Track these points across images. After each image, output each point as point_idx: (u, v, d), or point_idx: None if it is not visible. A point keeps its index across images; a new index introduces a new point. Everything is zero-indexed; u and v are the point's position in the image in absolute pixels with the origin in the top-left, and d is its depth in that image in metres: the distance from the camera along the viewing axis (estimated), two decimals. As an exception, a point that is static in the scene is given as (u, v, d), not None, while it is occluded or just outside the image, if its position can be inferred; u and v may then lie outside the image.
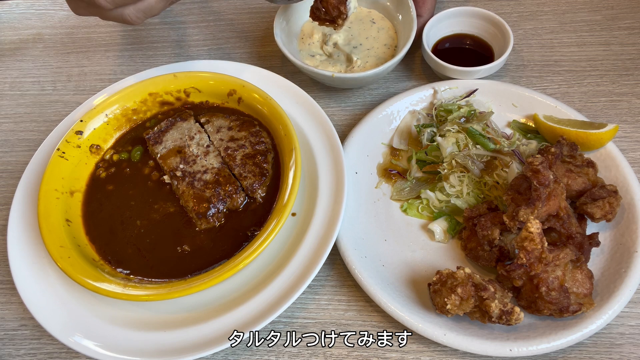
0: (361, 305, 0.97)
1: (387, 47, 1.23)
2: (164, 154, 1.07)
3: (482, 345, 0.86)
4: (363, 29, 1.27)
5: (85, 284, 0.89)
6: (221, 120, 1.11)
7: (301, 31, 1.28)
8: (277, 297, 0.91)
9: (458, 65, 1.15)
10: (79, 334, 0.90)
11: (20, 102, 1.33)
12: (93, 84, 1.34)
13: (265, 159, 1.05)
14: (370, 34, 1.26)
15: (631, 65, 1.25)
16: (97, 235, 1.00)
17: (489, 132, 1.08)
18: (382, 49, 1.23)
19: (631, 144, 1.12)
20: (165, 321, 0.93)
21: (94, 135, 1.10)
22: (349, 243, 0.98)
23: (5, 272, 1.05)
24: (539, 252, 0.85)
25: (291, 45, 1.22)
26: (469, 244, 0.97)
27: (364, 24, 1.28)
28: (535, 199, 0.87)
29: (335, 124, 1.19)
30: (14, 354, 0.97)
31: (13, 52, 1.44)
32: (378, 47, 1.24)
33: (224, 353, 0.94)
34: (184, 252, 0.97)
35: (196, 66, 1.19)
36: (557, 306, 0.85)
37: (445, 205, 1.04)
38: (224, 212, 1.00)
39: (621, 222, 0.98)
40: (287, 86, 1.15)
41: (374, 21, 1.28)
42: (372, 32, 1.26)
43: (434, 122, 1.14)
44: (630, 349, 0.90)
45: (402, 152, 1.13)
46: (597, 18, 1.33)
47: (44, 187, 1.00)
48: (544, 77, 1.24)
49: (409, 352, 0.92)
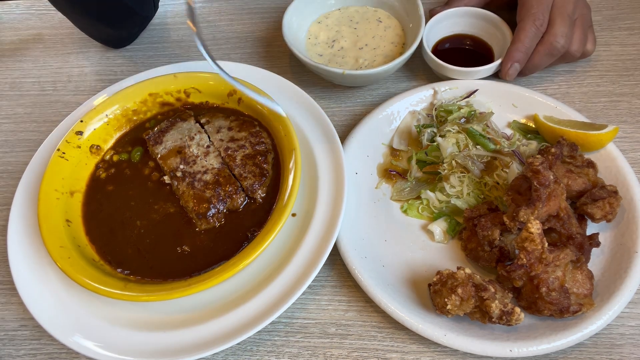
0: (361, 306, 0.97)
1: (395, 44, 1.24)
2: (164, 155, 1.07)
3: (483, 345, 0.86)
4: (369, 29, 1.27)
5: (85, 284, 0.89)
6: (221, 121, 1.11)
7: (308, 32, 1.29)
8: (277, 298, 0.91)
9: (458, 65, 1.15)
10: (79, 334, 0.90)
11: (20, 103, 1.33)
12: (93, 84, 1.34)
13: (266, 160, 1.05)
14: (377, 32, 1.26)
15: (631, 66, 1.25)
16: (97, 236, 1.00)
17: (489, 132, 1.08)
18: (389, 47, 1.24)
19: (631, 145, 1.12)
20: (165, 321, 0.93)
21: (94, 135, 1.10)
22: (349, 243, 0.98)
23: (5, 272, 1.05)
24: (539, 252, 0.85)
25: (298, 45, 1.23)
26: (469, 245, 0.97)
27: (370, 23, 1.28)
28: (536, 200, 0.87)
29: (335, 124, 1.19)
30: (14, 354, 0.97)
31: (13, 52, 1.44)
32: (385, 45, 1.24)
33: (224, 353, 0.94)
34: (184, 252, 0.97)
35: (196, 66, 1.19)
36: (558, 307, 0.85)
37: (446, 206, 1.04)
38: (224, 212, 1.00)
39: (621, 222, 0.97)
40: (287, 86, 1.15)
41: (380, 20, 1.29)
42: (379, 31, 1.27)
43: (434, 122, 1.14)
44: (631, 349, 0.90)
45: (402, 153, 1.13)
46: (597, 18, 1.32)
47: (44, 188, 1.00)
48: (544, 77, 1.24)
49: (409, 353, 0.92)
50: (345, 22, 1.30)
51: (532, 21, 1.10)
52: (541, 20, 1.10)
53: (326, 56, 1.24)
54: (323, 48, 1.26)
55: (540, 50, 1.13)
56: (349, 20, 1.30)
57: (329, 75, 1.17)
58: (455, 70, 1.15)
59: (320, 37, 1.27)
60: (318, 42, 1.27)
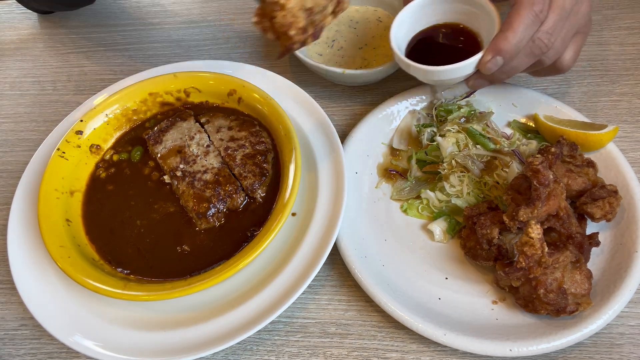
0: (361, 305, 0.97)
1: None
2: (164, 154, 1.07)
3: (482, 345, 0.86)
4: (369, 29, 1.27)
5: (85, 284, 0.89)
6: (221, 120, 1.11)
7: None
8: (277, 297, 0.91)
9: (443, 63, 0.95)
10: (79, 334, 0.91)
11: (20, 102, 1.33)
12: (93, 84, 1.34)
13: (265, 159, 1.05)
14: (377, 32, 1.26)
15: (631, 65, 1.25)
16: (97, 235, 1.00)
17: (489, 132, 1.08)
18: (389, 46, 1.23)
19: (631, 144, 1.12)
20: (165, 321, 0.93)
21: (94, 135, 1.10)
22: (349, 243, 0.98)
23: (5, 272, 1.05)
24: (539, 256, 0.85)
25: None
26: (468, 243, 0.97)
27: (370, 23, 1.28)
28: (535, 199, 0.87)
29: (335, 124, 1.19)
30: (14, 353, 0.97)
31: (13, 52, 1.44)
32: (385, 45, 1.24)
33: (224, 353, 0.94)
34: (184, 252, 0.97)
35: (196, 66, 1.19)
36: (555, 307, 0.86)
37: (445, 205, 1.04)
38: (224, 212, 1.00)
39: (621, 222, 0.98)
40: (287, 86, 1.15)
41: (380, 20, 1.29)
42: (379, 30, 1.27)
43: (434, 122, 1.14)
44: (631, 349, 0.90)
45: (402, 152, 1.13)
46: (597, 18, 1.32)
47: (44, 187, 1.00)
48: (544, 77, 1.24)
49: (409, 352, 0.92)
50: (345, 21, 1.30)
51: (530, 5, 0.86)
52: (541, 5, 0.86)
53: (326, 56, 1.24)
54: (323, 48, 1.26)
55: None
56: (349, 20, 1.30)
57: (329, 74, 1.17)
58: (428, 71, 0.96)
59: (320, 36, 1.27)
60: (318, 41, 1.27)
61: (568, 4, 0.89)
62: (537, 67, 0.99)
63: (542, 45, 0.89)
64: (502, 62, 0.90)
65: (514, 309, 0.92)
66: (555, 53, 0.93)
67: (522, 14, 0.87)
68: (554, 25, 0.88)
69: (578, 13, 0.92)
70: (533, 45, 0.90)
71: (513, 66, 0.93)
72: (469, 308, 0.93)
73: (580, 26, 0.94)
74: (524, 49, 0.90)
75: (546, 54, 0.92)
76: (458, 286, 0.96)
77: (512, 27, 0.87)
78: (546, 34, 0.88)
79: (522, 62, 0.92)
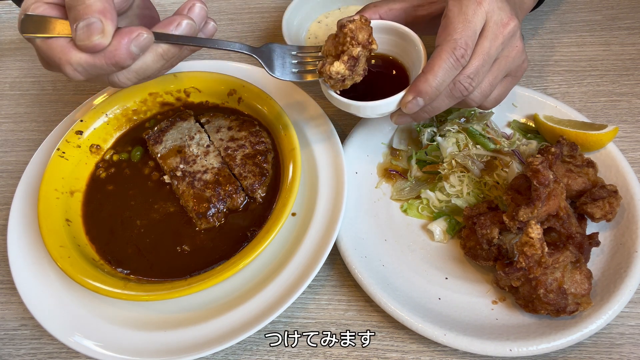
0: (361, 305, 0.97)
1: None
2: (164, 154, 1.07)
3: (482, 345, 0.86)
4: None
5: (85, 284, 0.89)
6: (221, 120, 1.11)
7: (308, 31, 1.29)
8: (277, 297, 0.91)
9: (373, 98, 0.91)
10: (79, 334, 0.91)
11: (20, 102, 1.33)
12: (93, 84, 1.34)
13: (265, 159, 1.05)
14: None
15: (631, 65, 1.25)
16: (97, 235, 1.00)
17: (489, 132, 1.08)
18: None
19: (631, 144, 1.12)
20: (165, 321, 0.93)
21: (94, 135, 1.10)
22: (349, 243, 0.98)
23: (5, 272, 1.05)
24: (539, 256, 0.85)
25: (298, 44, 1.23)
26: (467, 243, 0.97)
27: None
28: (535, 199, 0.87)
29: (335, 124, 1.19)
30: (14, 353, 0.97)
31: (13, 52, 1.44)
32: None
33: (224, 353, 0.94)
34: (184, 252, 0.97)
35: (196, 66, 1.19)
36: (555, 307, 0.86)
37: (445, 205, 1.04)
38: (224, 212, 1.00)
39: (621, 222, 0.98)
40: (287, 86, 1.15)
41: None
42: None
43: (434, 122, 1.14)
44: (630, 349, 0.90)
45: (402, 152, 1.13)
46: (597, 18, 1.33)
47: (44, 187, 1.00)
48: (544, 77, 1.24)
49: (409, 352, 0.92)
50: None
51: (451, 49, 0.85)
52: (463, 50, 0.85)
53: None
54: None
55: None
56: None
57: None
58: (351, 105, 0.93)
59: (320, 36, 1.27)
60: (318, 41, 1.27)
61: (494, 50, 0.89)
62: (463, 107, 1.01)
63: (462, 88, 0.89)
64: (422, 103, 0.90)
65: (514, 309, 0.92)
66: (482, 95, 0.93)
67: (443, 57, 0.86)
68: (476, 71, 0.88)
69: (508, 57, 0.92)
70: (454, 88, 0.89)
71: (434, 106, 0.93)
72: (469, 308, 0.93)
73: (510, 70, 0.94)
74: (445, 91, 0.90)
75: (470, 96, 0.92)
76: (458, 286, 0.96)
77: (432, 70, 0.87)
78: (467, 78, 0.88)
79: (444, 103, 0.92)
